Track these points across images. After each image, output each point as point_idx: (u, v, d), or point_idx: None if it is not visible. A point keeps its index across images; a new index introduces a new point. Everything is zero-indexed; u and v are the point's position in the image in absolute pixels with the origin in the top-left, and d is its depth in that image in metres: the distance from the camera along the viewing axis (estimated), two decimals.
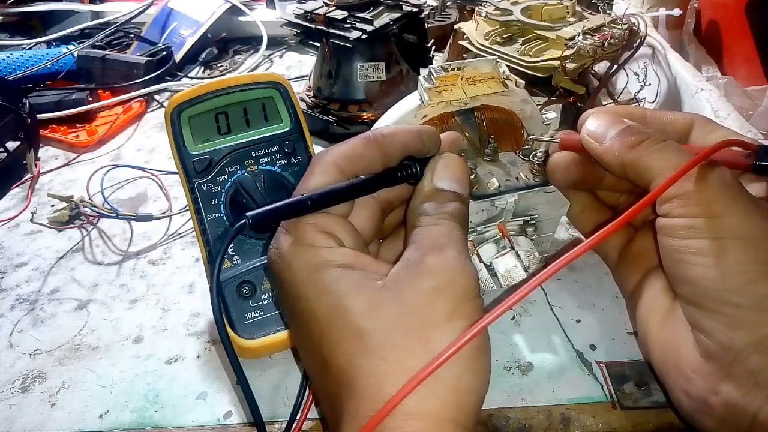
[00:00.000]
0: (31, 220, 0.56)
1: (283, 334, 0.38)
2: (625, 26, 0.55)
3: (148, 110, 0.75)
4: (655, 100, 0.62)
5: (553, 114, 0.41)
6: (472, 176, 0.36)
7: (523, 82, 0.40)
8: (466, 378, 0.25)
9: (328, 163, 0.30)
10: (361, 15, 0.60)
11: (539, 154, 0.37)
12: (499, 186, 0.37)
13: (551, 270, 0.25)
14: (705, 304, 0.29)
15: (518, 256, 0.36)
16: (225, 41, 0.91)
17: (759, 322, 0.27)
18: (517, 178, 0.37)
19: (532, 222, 0.39)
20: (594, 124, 0.33)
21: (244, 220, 0.28)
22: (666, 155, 0.30)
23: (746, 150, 0.30)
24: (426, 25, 0.68)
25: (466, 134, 0.40)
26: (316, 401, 0.37)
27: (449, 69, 0.40)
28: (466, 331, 0.24)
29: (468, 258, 0.28)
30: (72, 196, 0.55)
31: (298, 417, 0.36)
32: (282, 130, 0.41)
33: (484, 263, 0.37)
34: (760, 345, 0.27)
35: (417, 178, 0.31)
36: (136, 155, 0.66)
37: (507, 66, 0.42)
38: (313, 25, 0.61)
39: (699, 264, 0.28)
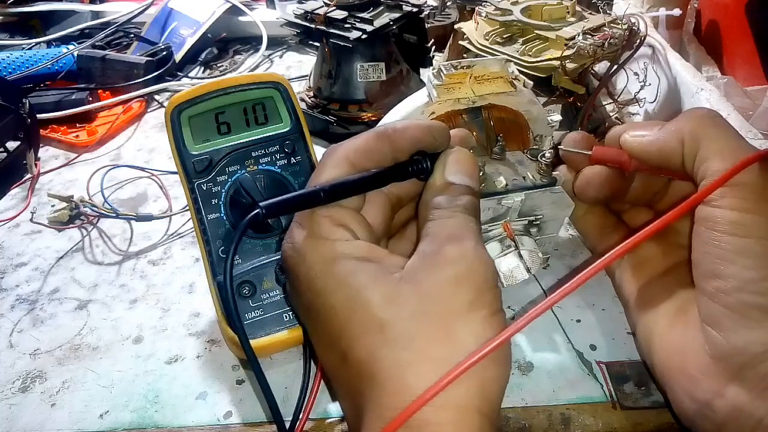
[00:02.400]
0: (31, 220, 0.56)
1: (283, 334, 0.38)
2: (625, 26, 0.55)
3: (148, 110, 0.75)
4: (655, 100, 0.62)
5: (558, 116, 0.41)
6: (481, 173, 0.36)
7: (531, 82, 0.40)
8: (491, 368, 0.25)
9: (339, 157, 0.30)
10: (361, 15, 0.60)
11: (547, 155, 0.37)
12: (507, 185, 0.37)
13: (588, 273, 0.25)
14: (730, 303, 0.28)
15: (521, 256, 0.36)
16: (225, 41, 0.91)
17: None
18: (524, 178, 0.37)
19: (537, 222, 0.39)
20: (635, 126, 0.33)
21: (257, 210, 0.28)
22: (724, 132, 0.29)
23: None
24: (426, 25, 0.68)
25: (474, 132, 0.39)
26: (332, 396, 0.37)
27: (458, 67, 0.40)
28: (501, 333, 0.24)
29: (484, 249, 0.28)
30: (72, 196, 0.55)
31: (300, 417, 0.36)
32: (282, 130, 0.41)
33: None
34: None
35: (427, 173, 0.31)
36: (136, 155, 0.66)
37: None
38: (313, 25, 0.61)
39: (738, 264, 0.27)
